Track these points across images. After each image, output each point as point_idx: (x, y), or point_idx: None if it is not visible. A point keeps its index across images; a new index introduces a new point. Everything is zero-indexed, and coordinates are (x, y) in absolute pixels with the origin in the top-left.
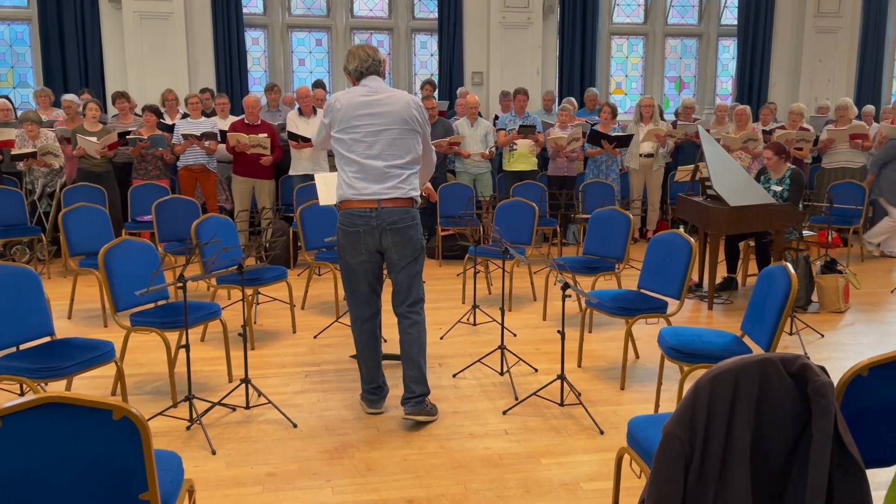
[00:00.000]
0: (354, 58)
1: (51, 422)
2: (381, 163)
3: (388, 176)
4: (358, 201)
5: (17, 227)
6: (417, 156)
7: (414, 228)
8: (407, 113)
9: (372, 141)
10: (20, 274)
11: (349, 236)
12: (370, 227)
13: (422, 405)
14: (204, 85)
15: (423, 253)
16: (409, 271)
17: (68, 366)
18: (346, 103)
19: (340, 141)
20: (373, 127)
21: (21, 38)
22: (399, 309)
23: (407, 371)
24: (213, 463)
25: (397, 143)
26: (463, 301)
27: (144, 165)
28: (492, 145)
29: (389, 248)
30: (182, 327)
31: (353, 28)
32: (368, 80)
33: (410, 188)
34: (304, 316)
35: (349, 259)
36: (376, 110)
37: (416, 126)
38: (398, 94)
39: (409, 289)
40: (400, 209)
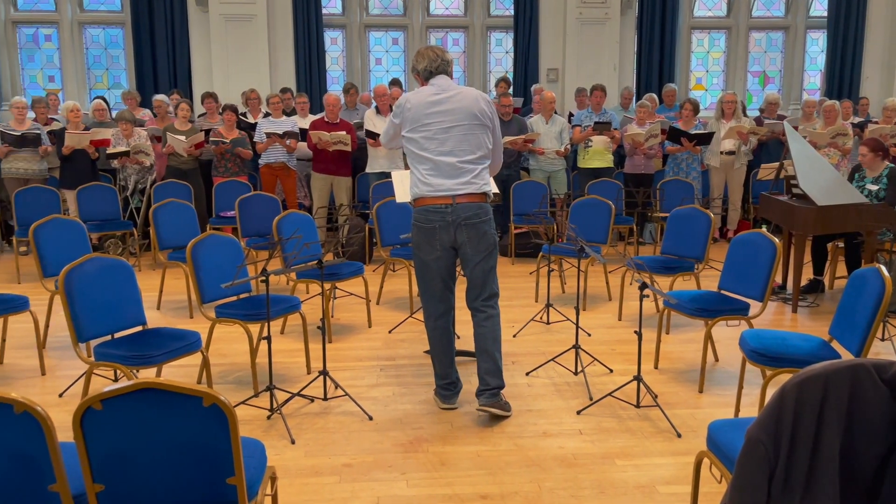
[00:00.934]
0: (423, 58)
1: (147, 406)
2: (454, 159)
3: (462, 171)
4: (433, 198)
5: (111, 221)
6: (488, 151)
7: (488, 223)
8: (476, 108)
9: (444, 138)
10: (116, 266)
11: (424, 233)
12: (446, 222)
13: (496, 398)
14: (284, 84)
15: (496, 248)
16: (484, 266)
17: (159, 354)
18: (417, 103)
19: (412, 140)
20: (444, 124)
21: (115, 42)
22: (474, 303)
23: (482, 364)
24: (293, 452)
25: (468, 138)
26: (536, 299)
27: (224, 163)
28: (567, 142)
29: (464, 244)
30: (264, 319)
31: (428, 27)
32: (437, 80)
33: (483, 183)
34: (379, 311)
35: (424, 256)
36: (446, 107)
37: (486, 121)
38: (466, 90)
39: (484, 283)
40: (474, 204)
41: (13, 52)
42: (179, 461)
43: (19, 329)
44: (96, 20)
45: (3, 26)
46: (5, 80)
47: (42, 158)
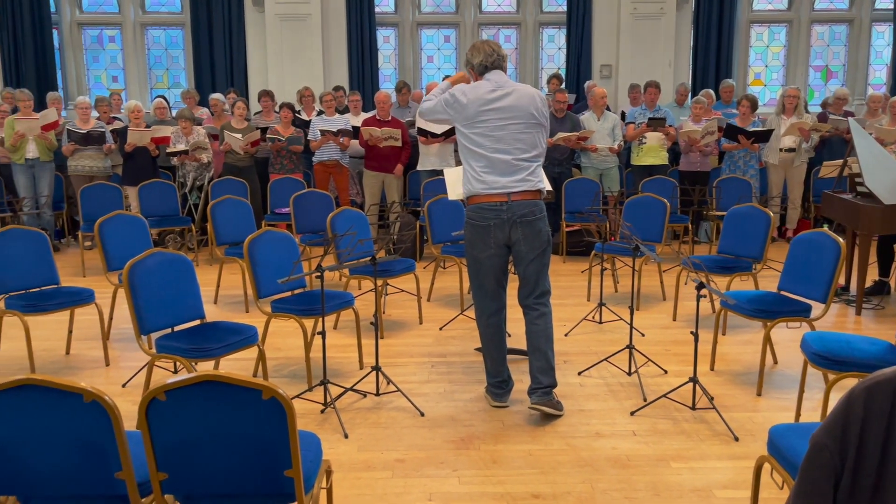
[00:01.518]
0: (479, 52)
1: (209, 398)
2: (510, 156)
3: (517, 169)
4: (487, 195)
5: (170, 217)
6: (543, 149)
7: (542, 221)
8: (533, 106)
9: (499, 135)
10: (176, 261)
11: (478, 230)
12: (501, 220)
13: (549, 396)
14: (337, 82)
15: (550, 245)
16: (538, 264)
17: (217, 347)
18: (473, 98)
19: (467, 136)
20: (500, 121)
21: (175, 42)
22: (526, 301)
23: (534, 362)
24: (346, 446)
25: (524, 136)
26: (588, 298)
27: (280, 160)
28: (619, 139)
29: (518, 241)
30: (318, 315)
31: (480, 24)
32: (492, 75)
33: (538, 180)
34: (430, 308)
35: (477, 253)
36: (503, 104)
37: (542, 119)
38: (523, 88)
39: (537, 281)
40: (530, 202)
41: (79, 53)
42: (239, 452)
43: (85, 321)
44: (157, 21)
45: (69, 28)
46: (71, 80)
47: (106, 156)
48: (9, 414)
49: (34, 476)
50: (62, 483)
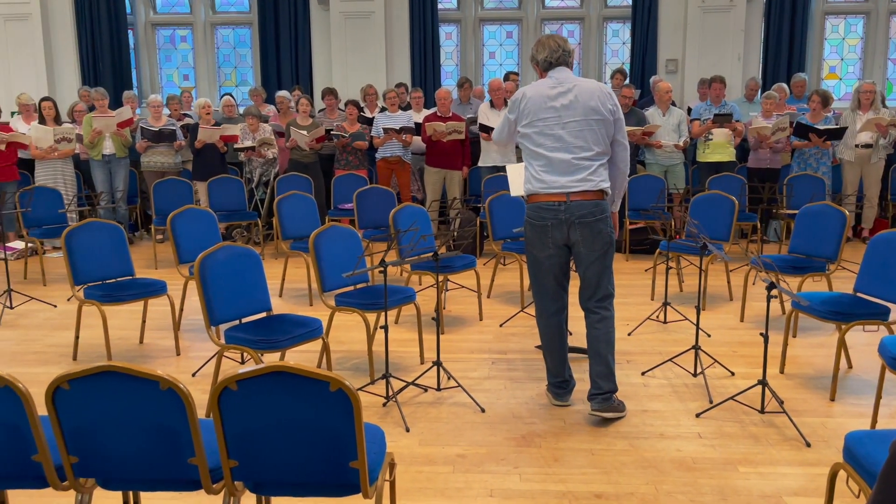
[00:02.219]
0: (543, 48)
1: (278, 389)
2: (569, 155)
3: (577, 168)
4: (546, 195)
5: (237, 212)
6: (607, 147)
7: (604, 222)
8: (594, 102)
9: (558, 134)
10: (245, 254)
11: (536, 230)
12: (558, 220)
13: (609, 402)
14: (400, 79)
15: (612, 247)
16: (598, 266)
17: (284, 339)
18: (533, 96)
19: (526, 136)
20: (559, 119)
21: (243, 41)
22: (587, 304)
23: (594, 367)
24: (407, 440)
25: (585, 134)
26: (652, 297)
27: (346, 156)
28: (685, 135)
29: (577, 243)
30: (381, 309)
31: (543, 19)
32: (556, 72)
33: (600, 180)
34: (490, 304)
35: (536, 253)
36: (563, 102)
37: (606, 115)
38: (585, 83)
39: (599, 283)
40: (590, 202)
41: (152, 52)
42: (306, 442)
43: (157, 311)
44: (227, 21)
45: (143, 28)
46: (145, 79)
47: (176, 153)
48: (90, 399)
49: (113, 459)
50: (138, 467)
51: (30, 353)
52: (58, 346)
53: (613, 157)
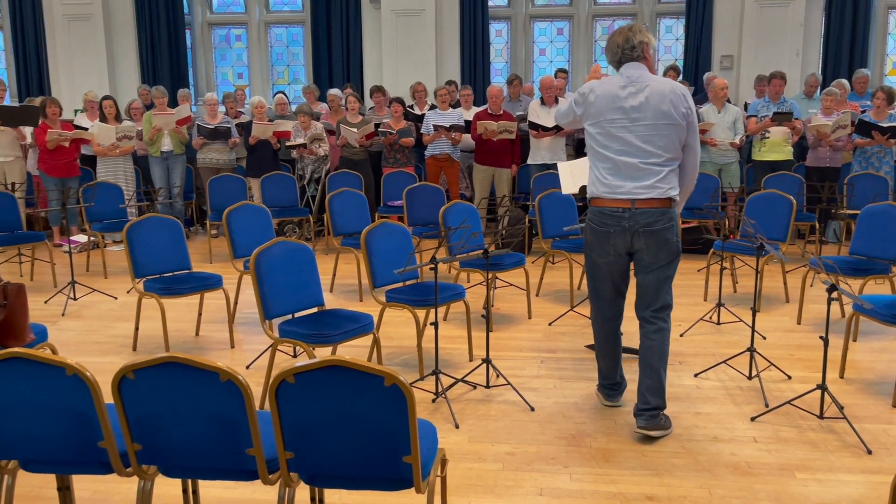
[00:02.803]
0: (609, 48)
1: (334, 382)
2: (636, 160)
3: (645, 173)
4: (610, 199)
5: (289, 208)
6: (678, 152)
7: (670, 230)
8: (666, 104)
9: (626, 137)
10: (298, 250)
11: (598, 235)
12: (621, 228)
13: (656, 419)
14: (449, 77)
15: (678, 257)
16: (659, 275)
17: (336, 334)
18: (601, 94)
19: (592, 136)
20: (627, 121)
21: (296, 40)
22: (643, 313)
23: (644, 379)
24: (457, 436)
25: (654, 138)
26: (704, 298)
27: (393, 154)
28: (741, 133)
29: (641, 251)
30: (430, 306)
31: (595, 15)
32: (627, 69)
33: (669, 187)
34: (539, 303)
35: (596, 258)
36: (632, 103)
37: (678, 119)
38: (659, 84)
39: (657, 293)
40: (656, 210)
41: (209, 51)
42: (360, 436)
43: (212, 305)
44: (280, 20)
45: (200, 28)
46: (201, 77)
47: (231, 149)
48: (154, 388)
49: (174, 447)
50: (198, 455)
51: (92, 344)
52: (118, 337)
53: (682, 161)
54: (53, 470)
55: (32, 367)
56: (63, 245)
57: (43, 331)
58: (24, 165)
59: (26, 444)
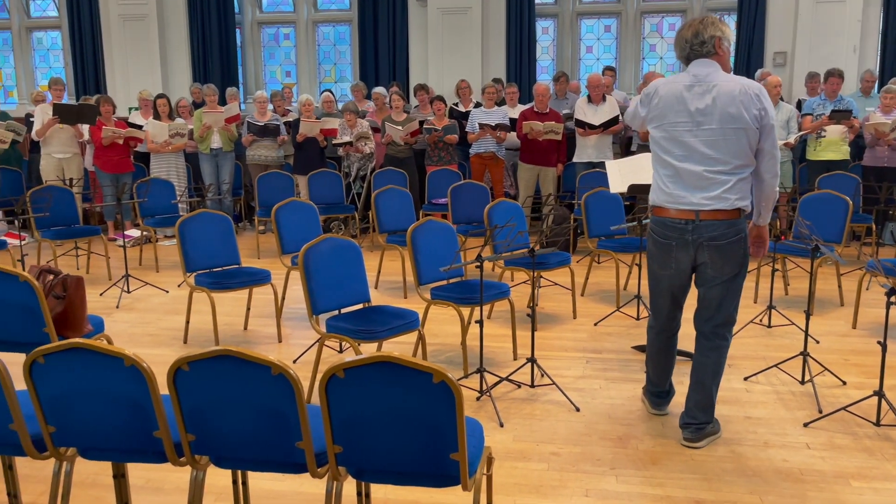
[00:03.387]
0: (678, 42)
1: (383, 378)
2: (700, 167)
3: (711, 183)
4: (673, 210)
5: (335, 205)
6: (749, 159)
7: (738, 244)
8: (734, 108)
9: (690, 142)
10: (347, 247)
11: (659, 247)
12: (684, 241)
13: (702, 431)
14: (494, 74)
15: (744, 271)
16: (723, 289)
17: (383, 330)
18: (665, 96)
19: (655, 140)
20: (691, 126)
21: (343, 38)
22: (702, 326)
23: (693, 395)
24: (501, 435)
25: (721, 144)
26: (755, 300)
27: (437, 152)
28: (794, 132)
29: (705, 264)
30: (475, 304)
31: (643, 12)
32: (696, 66)
33: (738, 197)
34: (584, 302)
35: (656, 268)
36: (698, 105)
37: (750, 122)
38: (728, 84)
39: (720, 307)
40: (723, 222)
41: (258, 50)
42: (408, 432)
43: (260, 300)
44: (327, 18)
45: (250, 27)
46: (250, 75)
47: (279, 147)
48: (207, 380)
49: (225, 439)
50: (249, 447)
51: (145, 335)
52: (169, 329)
53: (757, 167)
54: (110, 458)
55: (92, 357)
56: (117, 239)
57: (100, 322)
58: (81, 162)
59: (85, 432)
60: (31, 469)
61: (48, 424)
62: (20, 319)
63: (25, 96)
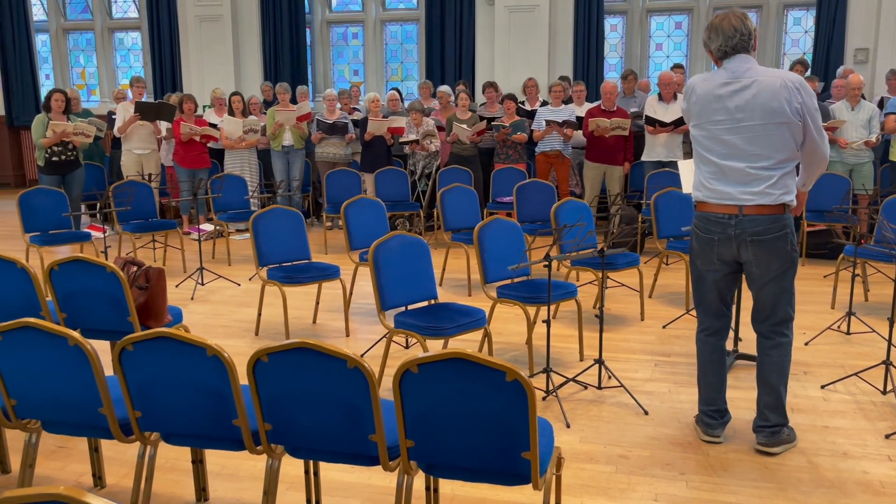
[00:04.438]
0: (717, 34)
1: (456, 375)
2: (743, 164)
3: (754, 179)
4: (715, 205)
5: (400, 202)
6: (792, 152)
7: (783, 238)
8: (777, 101)
9: (731, 140)
10: (415, 244)
11: (702, 243)
12: (727, 235)
13: (777, 435)
14: (561, 72)
15: (794, 266)
16: (774, 288)
17: (450, 327)
18: (703, 93)
19: (695, 138)
20: (732, 123)
21: (410, 37)
22: (760, 327)
23: (762, 396)
24: (568, 436)
25: (763, 139)
26: (832, 306)
27: (505, 150)
28: (877, 132)
29: (749, 262)
30: (541, 303)
31: (716, 8)
32: (733, 61)
33: (782, 192)
34: (652, 304)
35: (699, 265)
36: (736, 103)
37: (792, 116)
38: (768, 78)
39: (775, 307)
40: (766, 217)
41: (326, 49)
42: (480, 429)
43: (328, 294)
44: (395, 17)
45: (319, 26)
46: (319, 74)
47: (347, 144)
48: (285, 372)
49: (301, 429)
50: (323, 438)
51: (218, 327)
52: (241, 322)
53: (808, 148)
54: (191, 443)
55: (178, 346)
56: (191, 233)
57: (178, 313)
58: (159, 158)
59: (168, 417)
60: (113, 451)
61: (135, 409)
62: (107, 308)
63: (107, 95)
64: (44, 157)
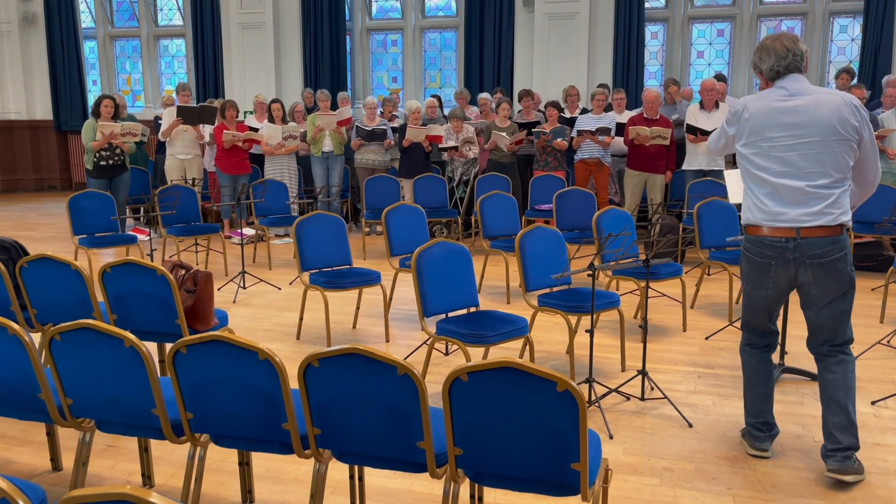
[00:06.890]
0: (769, 54)
1: (506, 383)
2: (801, 183)
3: (812, 198)
4: (771, 228)
5: (439, 209)
6: (849, 171)
7: (842, 260)
8: (837, 118)
9: (788, 157)
10: (457, 251)
11: (756, 267)
12: (784, 259)
13: (849, 461)
14: (601, 80)
15: (853, 288)
16: (834, 310)
17: (493, 335)
18: (757, 111)
19: (747, 157)
20: (789, 140)
21: (449, 45)
22: (820, 349)
23: (829, 417)
24: (611, 447)
25: (822, 157)
26: (881, 320)
27: (545, 157)
28: None
29: (808, 284)
30: (583, 312)
31: (760, 15)
32: (787, 81)
33: (841, 212)
34: (694, 315)
35: (751, 289)
36: (794, 119)
37: (850, 133)
38: (824, 96)
39: (834, 330)
40: (825, 238)
41: (366, 56)
42: (529, 439)
43: (368, 300)
44: (435, 25)
45: (359, 34)
46: (358, 81)
47: (386, 151)
48: (335, 377)
49: (349, 434)
50: (371, 444)
51: (260, 330)
52: (283, 326)
53: (861, 173)
54: (240, 446)
55: (230, 349)
56: (233, 237)
57: (224, 316)
58: (201, 163)
59: (219, 420)
60: (161, 452)
61: (187, 411)
62: (156, 310)
63: (152, 100)
64: (92, 160)
